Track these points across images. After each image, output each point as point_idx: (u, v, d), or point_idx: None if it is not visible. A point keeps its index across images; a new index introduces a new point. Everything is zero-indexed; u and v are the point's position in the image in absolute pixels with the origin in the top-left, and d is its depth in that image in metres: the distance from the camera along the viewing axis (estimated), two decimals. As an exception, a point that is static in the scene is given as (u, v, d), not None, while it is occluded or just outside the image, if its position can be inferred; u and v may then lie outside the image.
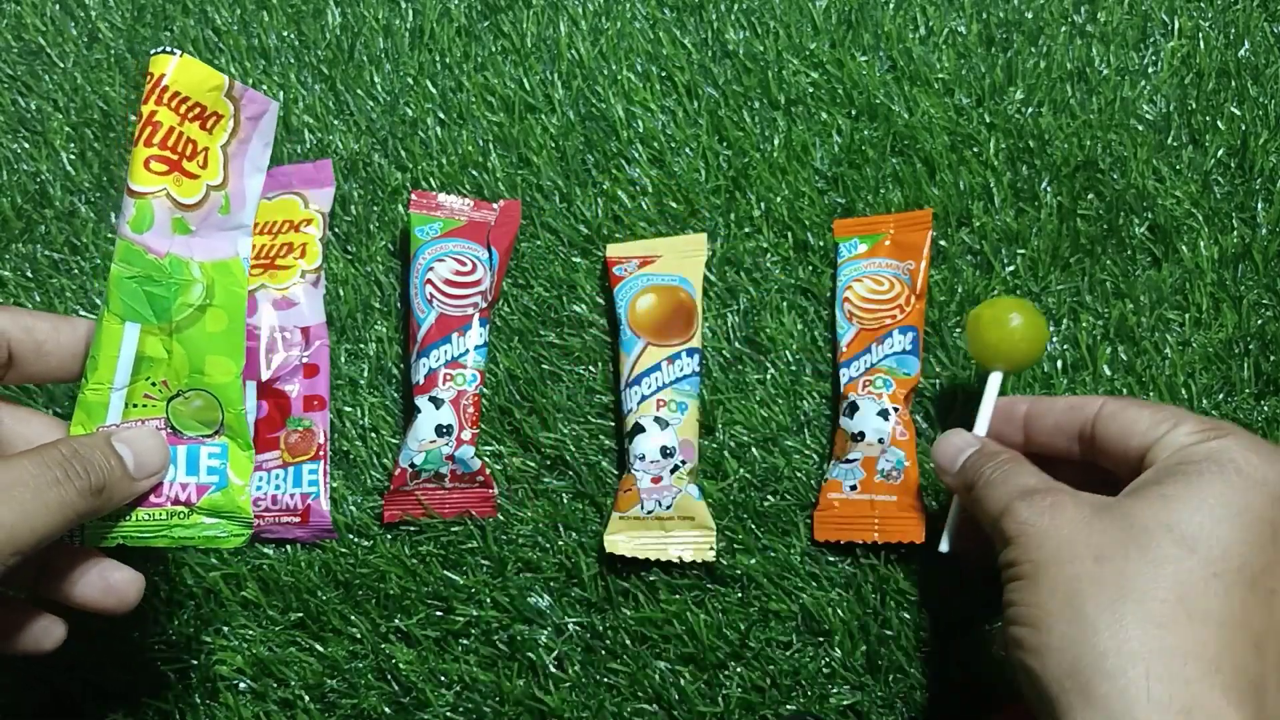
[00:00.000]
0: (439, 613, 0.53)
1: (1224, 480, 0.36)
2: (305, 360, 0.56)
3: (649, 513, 0.52)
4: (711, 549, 0.52)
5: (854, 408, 0.52)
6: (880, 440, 0.51)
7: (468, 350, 0.55)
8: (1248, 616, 0.34)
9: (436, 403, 0.54)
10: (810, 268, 0.58)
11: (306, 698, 0.51)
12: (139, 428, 0.38)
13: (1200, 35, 0.63)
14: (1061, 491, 0.39)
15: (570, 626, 0.52)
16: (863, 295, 0.55)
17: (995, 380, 0.49)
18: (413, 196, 0.58)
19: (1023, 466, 0.42)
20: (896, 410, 0.51)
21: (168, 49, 0.39)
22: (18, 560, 0.33)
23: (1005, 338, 0.49)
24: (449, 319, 0.55)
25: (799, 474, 0.54)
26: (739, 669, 0.52)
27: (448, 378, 0.54)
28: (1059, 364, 0.56)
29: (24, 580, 0.39)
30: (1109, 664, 0.33)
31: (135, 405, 0.38)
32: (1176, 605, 0.34)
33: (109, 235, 0.60)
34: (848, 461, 0.52)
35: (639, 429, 0.53)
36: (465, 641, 0.52)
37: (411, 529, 0.54)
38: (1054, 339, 0.56)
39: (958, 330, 0.56)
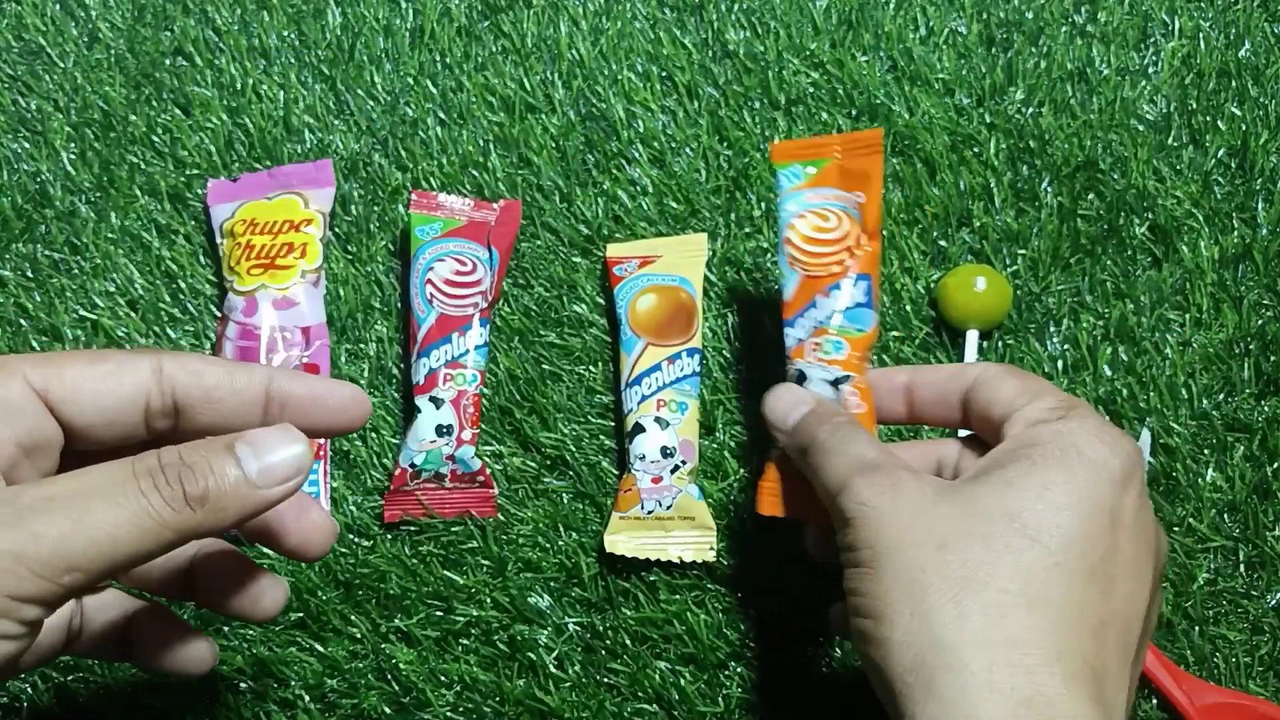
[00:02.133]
0: (439, 613, 0.53)
1: (1066, 467, 0.35)
2: (305, 360, 0.56)
3: (649, 513, 0.52)
4: (712, 549, 0.52)
5: (801, 376, 0.45)
6: None
7: (468, 350, 0.55)
8: (1088, 604, 0.34)
9: (437, 403, 0.54)
10: (810, 268, 0.58)
11: (307, 698, 0.51)
12: (273, 429, 0.33)
13: (1201, 35, 0.63)
14: (901, 469, 0.37)
15: (570, 626, 0.52)
16: (806, 235, 0.46)
17: (973, 338, 0.55)
18: (413, 196, 0.58)
19: (859, 434, 0.40)
20: (850, 379, 0.44)
21: None
22: (80, 579, 0.28)
23: (974, 299, 0.55)
24: (449, 319, 0.55)
25: (799, 474, 0.54)
26: (739, 669, 0.52)
27: (448, 378, 0.54)
28: (1059, 364, 0.55)
29: (175, 589, 0.38)
30: (951, 656, 0.32)
31: None
32: (1018, 595, 0.33)
33: (109, 235, 0.60)
34: None
35: (639, 429, 0.53)
36: (465, 641, 0.52)
37: (412, 529, 0.54)
38: (1054, 339, 0.56)
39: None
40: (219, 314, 0.58)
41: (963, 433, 0.43)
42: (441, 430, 0.53)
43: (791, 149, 0.48)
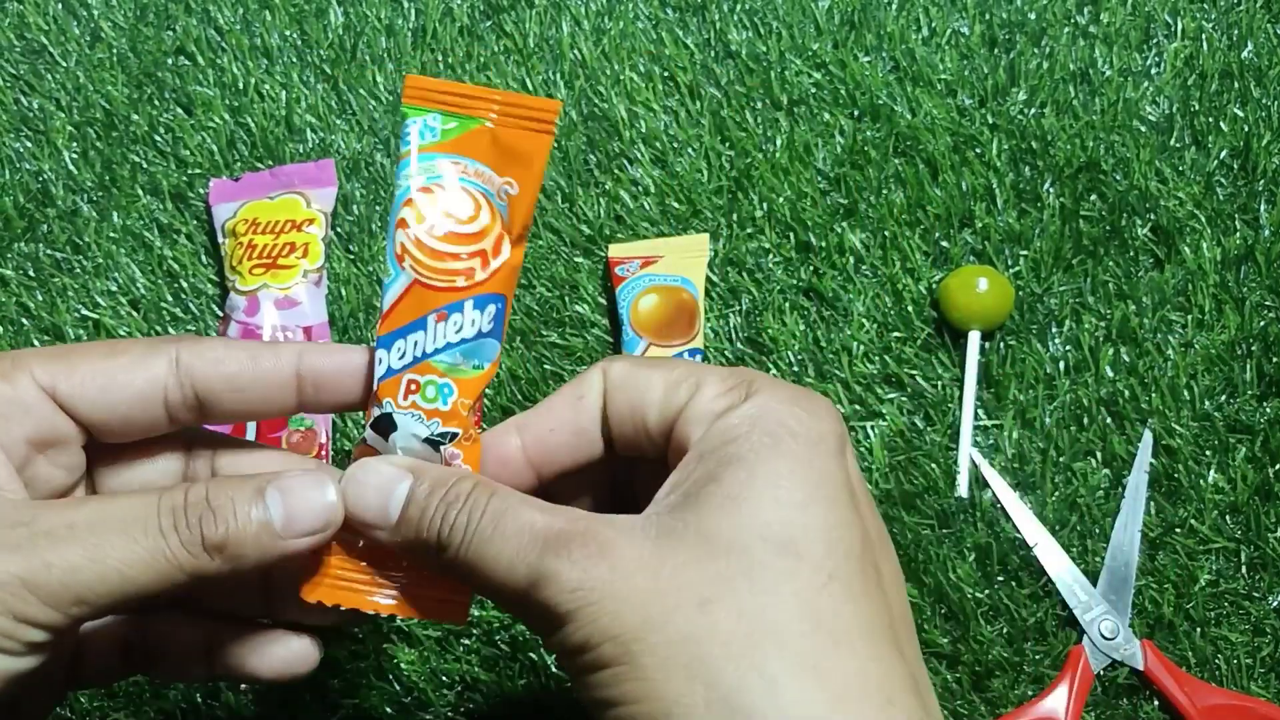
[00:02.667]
0: (440, 613, 0.53)
1: (783, 454, 0.28)
2: (307, 360, 0.56)
3: (650, 513, 0.52)
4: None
5: (389, 423, 0.32)
6: None
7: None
8: (875, 613, 0.28)
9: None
10: (812, 268, 0.58)
11: (307, 697, 0.51)
12: (306, 474, 0.30)
13: (1203, 36, 0.63)
14: (592, 522, 0.28)
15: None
16: (430, 220, 0.32)
17: (974, 339, 0.54)
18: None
19: (510, 498, 0.30)
20: (455, 437, 0.32)
21: None
22: (87, 611, 0.28)
23: (976, 300, 0.54)
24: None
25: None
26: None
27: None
28: (1061, 365, 0.55)
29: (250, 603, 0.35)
30: None
31: None
32: (816, 634, 0.26)
33: (111, 235, 0.60)
34: None
35: (641, 429, 0.53)
36: (466, 642, 0.52)
37: (413, 529, 0.54)
38: (1056, 340, 0.56)
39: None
40: (221, 313, 0.58)
41: None
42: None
43: (432, 90, 0.32)
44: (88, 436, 0.32)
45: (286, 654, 0.34)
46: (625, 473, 0.34)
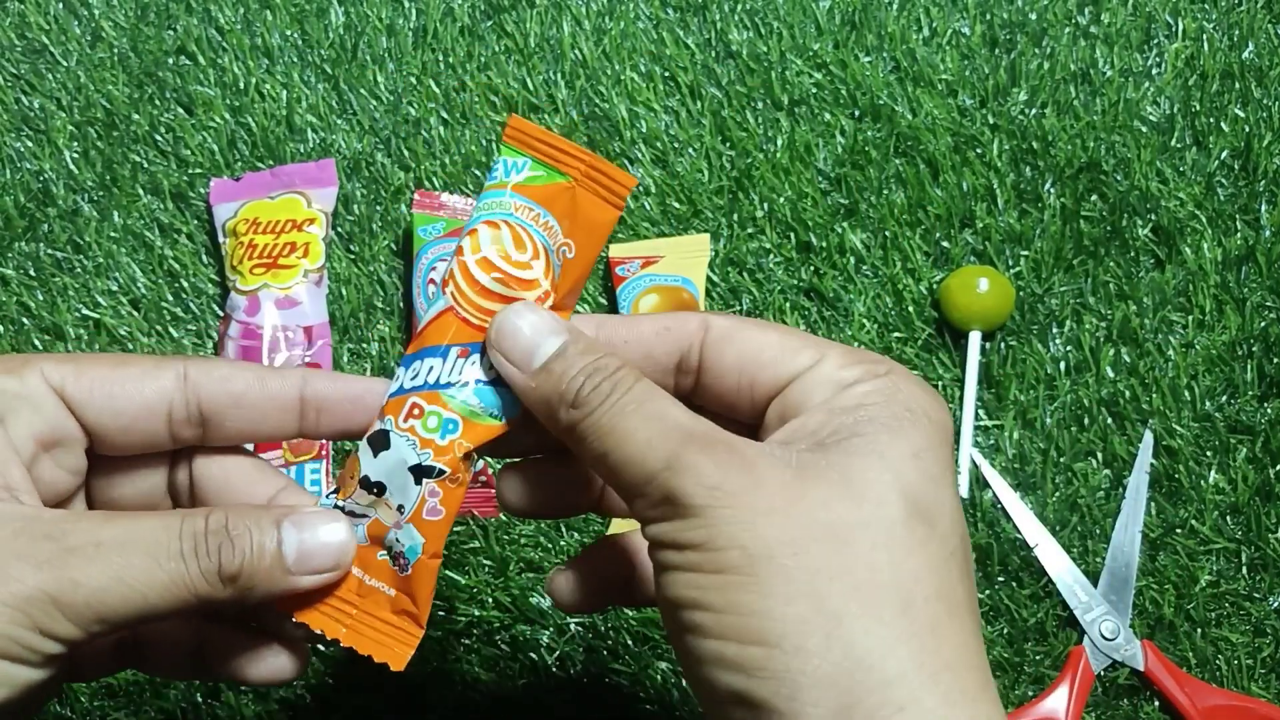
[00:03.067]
0: (441, 612, 0.53)
1: (921, 430, 0.29)
2: (308, 360, 0.56)
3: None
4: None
5: (383, 440, 0.32)
6: (400, 509, 0.32)
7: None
8: (972, 595, 0.29)
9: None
10: (813, 269, 0.58)
11: (308, 697, 0.51)
12: (323, 513, 0.31)
13: (1204, 37, 0.63)
14: (739, 439, 0.29)
15: (572, 627, 0.52)
16: (487, 255, 0.32)
17: (975, 339, 0.54)
18: (416, 196, 0.58)
19: (655, 389, 0.30)
20: (440, 474, 0.31)
21: None
22: (106, 629, 0.28)
23: (976, 300, 0.54)
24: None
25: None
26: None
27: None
28: (1061, 366, 0.55)
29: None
30: (898, 693, 0.25)
31: None
32: (937, 602, 0.27)
33: (112, 234, 0.60)
34: (353, 513, 0.32)
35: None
36: (467, 641, 0.52)
37: (414, 529, 0.54)
38: (1057, 340, 0.56)
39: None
40: (221, 313, 0.58)
41: None
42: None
43: (530, 135, 0.33)
44: (90, 442, 0.32)
45: (271, 664, 0.34)
46: None
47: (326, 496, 0.33)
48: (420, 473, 0.31)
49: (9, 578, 0.27)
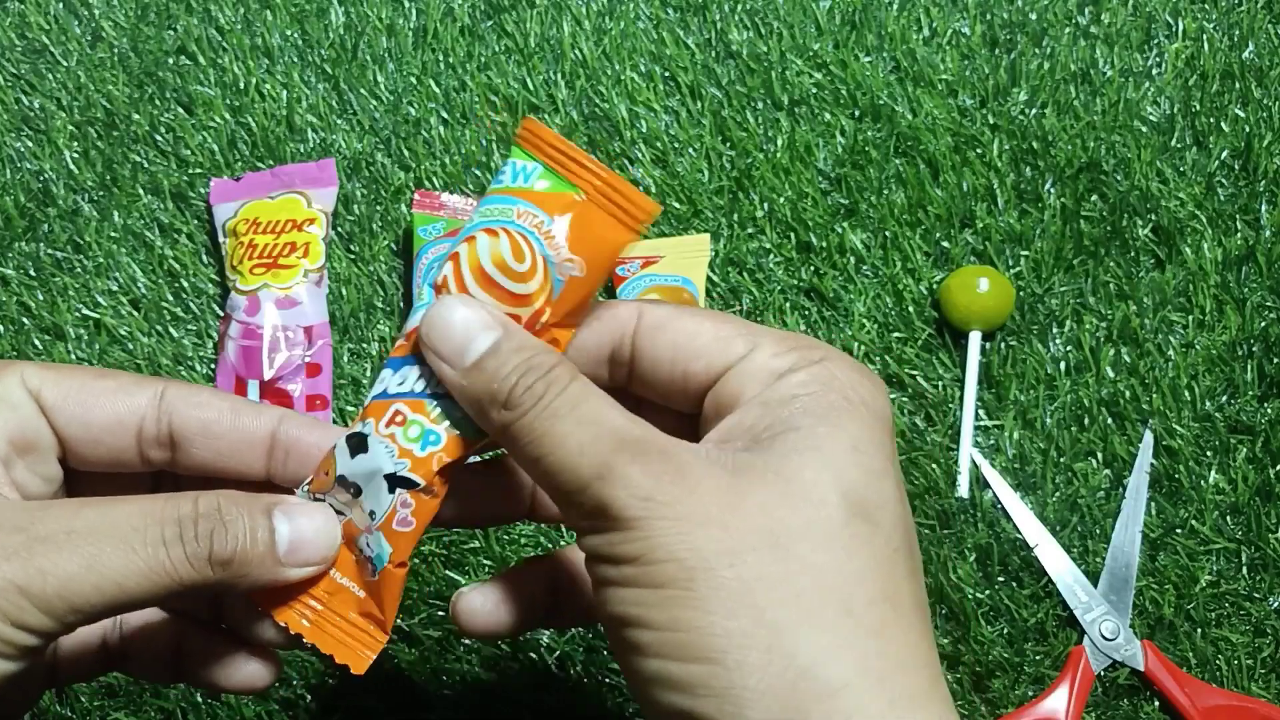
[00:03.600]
0: (441, 613, 0.53)
1: (860, 421, 0.28)
2: (308, 360, 0.56)
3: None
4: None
5: (361, 444, 0.31)
6: (372, 514, 0.31)
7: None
8: (920, 591, 0.28)
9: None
10: (813, 269, 0.58)
11: (309, 697, 0.51)
12: (313, 505, 0.30)
13: (1204, 37, 0.63)
14: (669, 440, 0.28)
15: (572, 627, 0.52)
16: (482, 264, 0.30)
17: (975, 339, 0.54)
18: (416, 196, 0.58)
19: (591, 388, 0.28)
20: (414, 487, 0.30)
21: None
22: (81, 619, 0.27)
23: (976, 300, 0.54)
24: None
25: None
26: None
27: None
28: (1061, 366, 0.55)
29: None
30: (845, 703, 0.25)
31: None
32: (883, 605, 0.26)
33: (112, 234, 0.60)
34: (331, 508, 0.31)
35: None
36: (467, 641, 0.52)
37: (414, 529, 0.54)
38: (1057, 340, 0.56)
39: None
40: (221, 313, 0.58)
41: None
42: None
43: (544, 141, 0.30)
44: (63, 452, 0.31)
45: (245, 672, 0.34)
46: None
47: (301, 489, 0.32)
48: (394, 482, 0.30)
49: None
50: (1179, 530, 0.52)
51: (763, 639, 0.25)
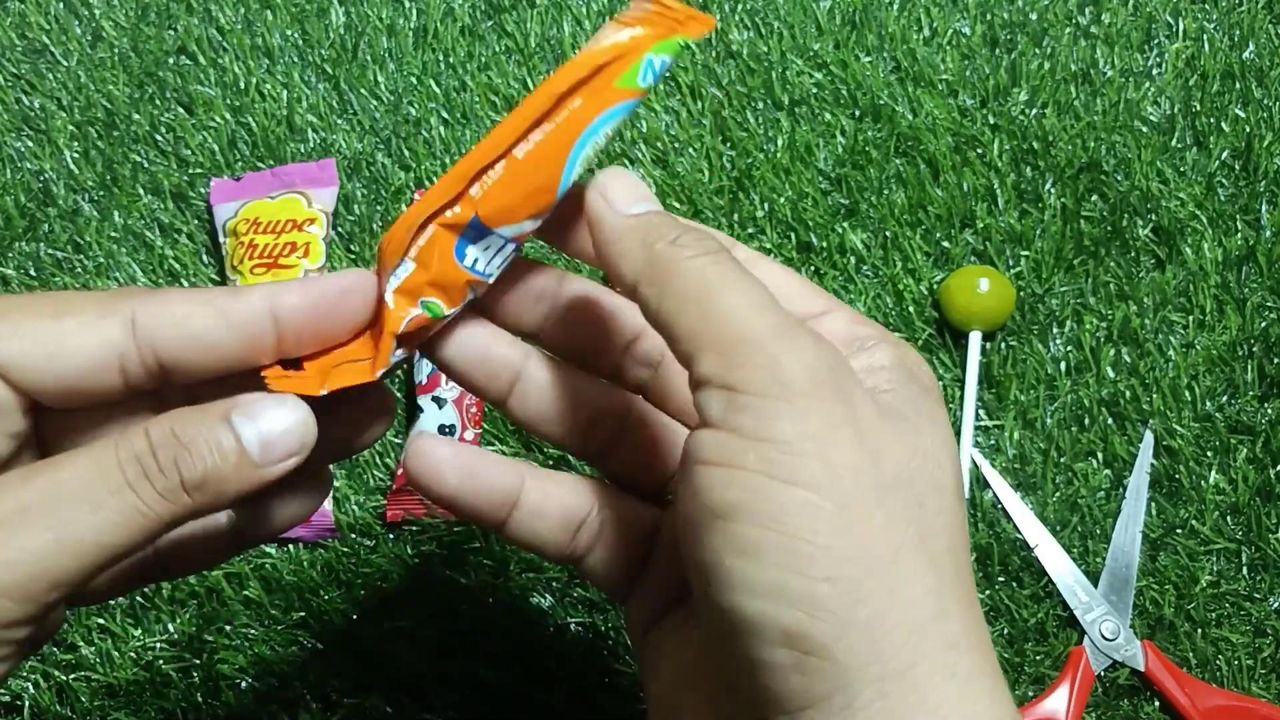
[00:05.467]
0: (441, 612, 0.53)
1: (932, 402, 0.28)
2: (308, 359, 0.56)
3: (651, 513, 0.52)
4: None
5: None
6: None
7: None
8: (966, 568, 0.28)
9: (439, 402, 0.54)
10: (813, 269, 0.58)
11: (309, 697, 0.51)
12: (271, 397, 0.28)
13: (1205, 37, 0.63)
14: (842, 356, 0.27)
15: (572, 627, 0.52)
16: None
17: (975, 339, 0.54)
18: (416, 196, 0.58)
19: (739, 268, 0.27)
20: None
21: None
22: (65, 593, 0.26)
23: (977, 300, 0.54)
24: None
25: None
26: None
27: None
28: (1062, 366, 0.55)
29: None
30: (957, 658, 0.25)
31: None
32: (969, 586, 0.26)
33: (112, 234, 0.60)
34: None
35: (642, 429, 0.53)
36: (467, 641, 0.52)
37: (414, 529, 0.54)
38: (1057, 340, 0.56)
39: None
40: (222, 313, 0.58)
41: None
42: (444, 430, 0.53)
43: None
44: (31, 403, 0.28)
45: (292, 507, 0.31)
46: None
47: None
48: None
49: None
50: (1179, 530, 0.52)
51: (892, 577, 0.24)
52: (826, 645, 0.24)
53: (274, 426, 0.28)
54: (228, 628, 0.53)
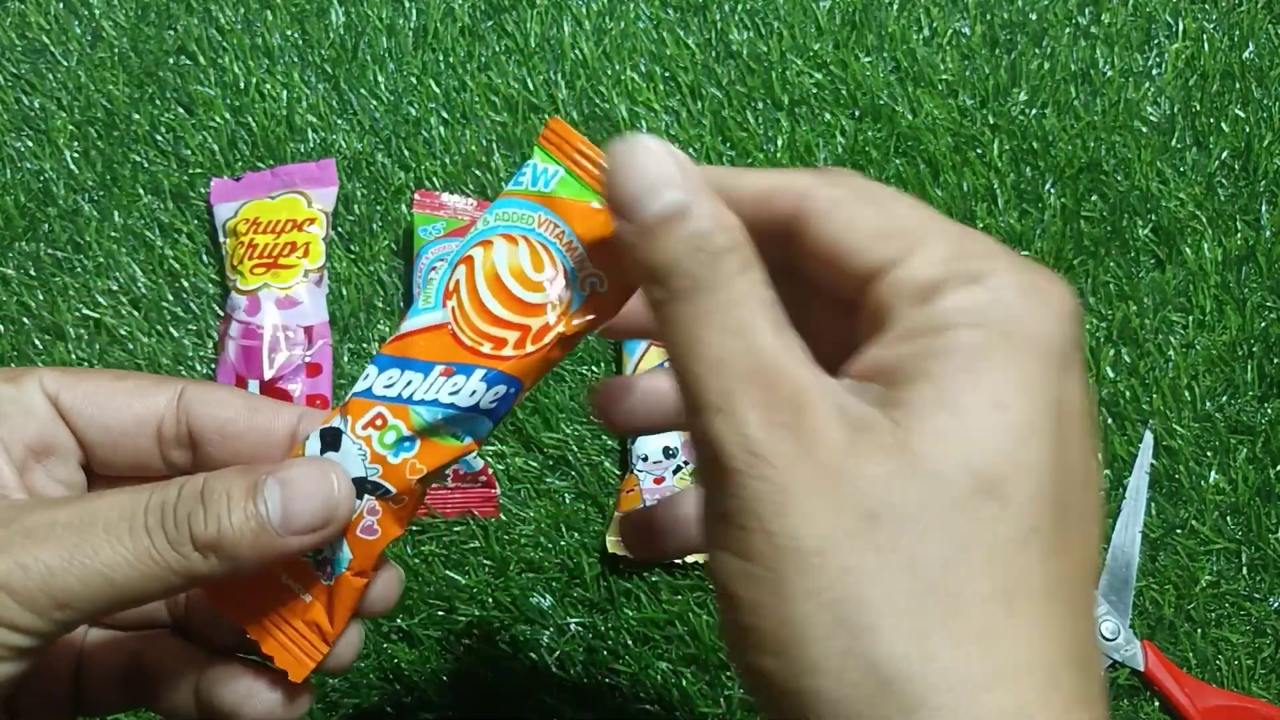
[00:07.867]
0: (441, 612, 0.53)
1: (1014, 363, 0.23)
2: (308, 359, 0.56)
3: (651, 513, 0.52)
4: (714, 550, 0.52)
5: (335, 440, 0.29)
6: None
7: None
8: (1063, 571, 0.23)
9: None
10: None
11: (308, 697, 0.51)
12: (311, 464, 0.28)
13: (1204, 37, 0.63)
14: (809, 380, 0.23)
15: (572, 627, 0.52)
16: (497, 271, 0.28)
17: None
18: (416, 196, 0.58)
19: (754, 290, 0.24)
20: (385, 494, 0.29)
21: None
22: (72, 617, 0.26)
23: None
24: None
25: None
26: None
27: (450, 377, 0.54)
28: (1062, 366, 0.55)
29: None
30: (919, 717, 0.22)
31: None
32: (996, 601, 0.22)
33: (112, 234, 0.60)
34: None
35: (642, 429, 0.53)
36: (467, 641, 0.52)
37: (414, 529, 0.54)
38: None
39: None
40: (222, 313, 0.58)
41: None
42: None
43: (569, 143, 0.28)
44: (84, 456, 0.31)
45: (263, 700, 0.32)
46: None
47: None
48: (362, 487, 0.29)
49: None
50: (1179, 530, 0.52)
51: (840, 642, 0.22)
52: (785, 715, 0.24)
53: (302, 497, 0.28)
54: (228, 628, 0.53)
